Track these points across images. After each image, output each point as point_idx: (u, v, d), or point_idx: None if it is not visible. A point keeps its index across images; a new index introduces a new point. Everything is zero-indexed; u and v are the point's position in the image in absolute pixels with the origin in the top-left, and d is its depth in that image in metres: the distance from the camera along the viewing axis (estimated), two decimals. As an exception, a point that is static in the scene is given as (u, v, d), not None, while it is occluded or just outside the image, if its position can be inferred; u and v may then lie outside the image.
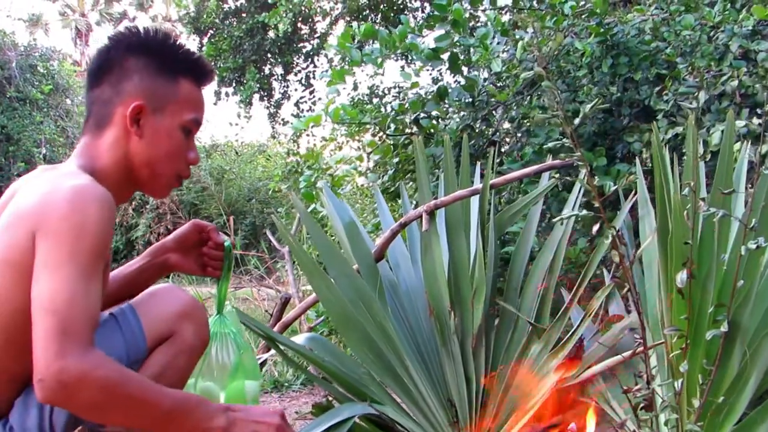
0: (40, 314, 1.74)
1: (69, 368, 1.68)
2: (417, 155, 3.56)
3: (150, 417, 1.81)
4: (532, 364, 3.10)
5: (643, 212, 3.16)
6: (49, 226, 1.83)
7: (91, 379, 1.71)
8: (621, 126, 4.52)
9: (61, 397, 1.70)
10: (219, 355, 2.41)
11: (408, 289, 3.43)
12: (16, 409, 1.91)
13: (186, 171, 2.24)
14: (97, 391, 1.72)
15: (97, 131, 2.14)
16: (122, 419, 1.81)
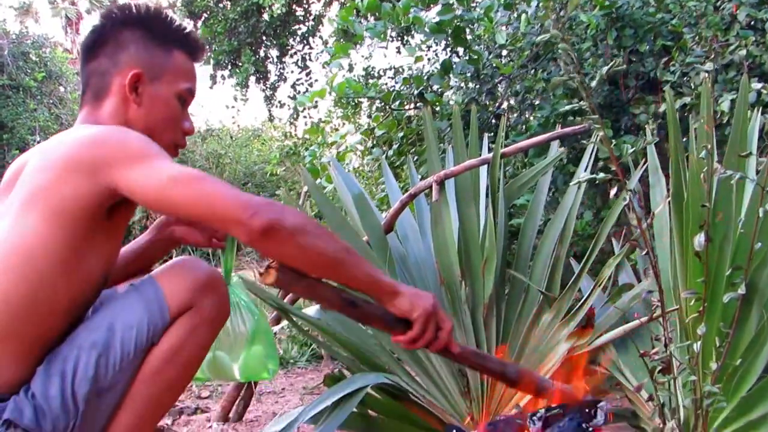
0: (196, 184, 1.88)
1: (262, 198, 1.88)
2: (426, 126, 3.55)
3: (337, 247, 1.98)
4: (543, 333, 3.10)
5: (654, 180, 3.16)
6: (117, 153, 1.91)
7: (287, 207, 1.92)
8: (626, 98, 4.51)
9: (277, 216, 1.85)
10: (235, 324, 2.41)
11: (417, 260, 3.42)
12: (38, 377, 1.89)
13: (182, 140, 2.27)
14: (296, 214, 1.90)
15: (96, 102, 2.17)
16: (318, 244, 1.93)
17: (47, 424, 1.85)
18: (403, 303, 2.07)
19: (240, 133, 20.85)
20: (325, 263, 1.97)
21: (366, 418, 3.11)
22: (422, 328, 2.08)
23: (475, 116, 3.53)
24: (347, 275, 2.02)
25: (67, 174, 1.89)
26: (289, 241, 1.88)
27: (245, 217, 1.82)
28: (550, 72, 4.79)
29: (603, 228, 3.18)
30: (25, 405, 1.85)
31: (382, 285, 2.06)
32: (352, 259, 2.01)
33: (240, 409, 3.93)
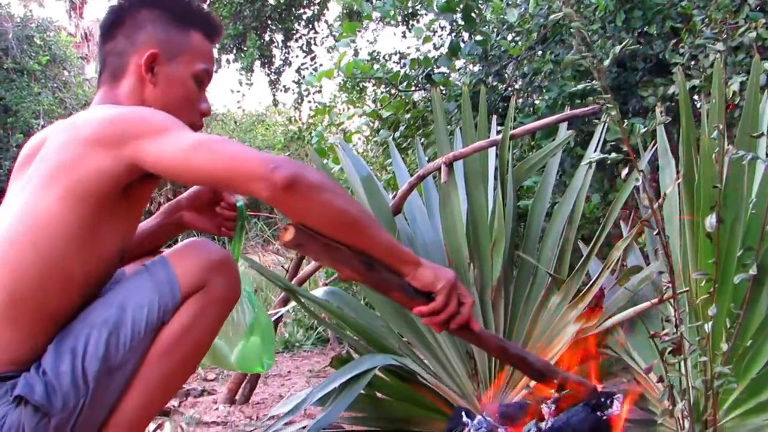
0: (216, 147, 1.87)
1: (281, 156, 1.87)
2: (435, 107, 3.54)
3: (358, 209, 1.97)
4: (551, 315, 3.09)
5: (664, 162, 3.14)
6: (138, 127, 1.92)
7: (307, 165, 1.90)
8: (634, 80, 4.49)
9: (299, 171, 1.82)
10: (234, 314, 2.41)
11: (425, 242, 3.42)
12: (49, 354, 1.89)
13: (199, 121, 2.26)
14: (315, 172, 1.89)
15: (113, 82, 2.18)
16: (340, 203, 1.91)
17: (57, 401, 1.85)
18: (427, 274, 2.04)
19: (244, 117, 20.85)
20: (347, 222, 1.94)
21: (374, 400, 3.11)
22: (446, 300, 2.05)
23: (484, 97, 3.52)
24: (368, 238, 1.99)
25: (91, 150, 1.90)
26: (312, 196, 1.87)
27: (267, 172, 1.80)
28: (558, 54, 4.77)
29: (612, 210, 3.17)
30: (36, 381, 1.85)
31: (403, 254, 2.04)
32: (372, 224, 2.00)
33: (246, 392, 3.93)
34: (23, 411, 1.84)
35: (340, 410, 2.75)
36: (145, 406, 2.00)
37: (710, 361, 2.22)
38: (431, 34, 5.88)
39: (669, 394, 2.20)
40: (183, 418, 3.48)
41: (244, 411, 3.76)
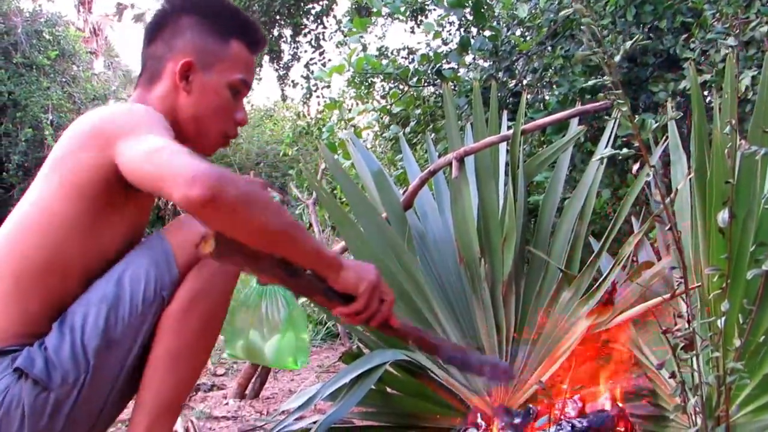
0: (157, 152, 1.78)
1: (215, 168, 1.71)
2: (446, 102, 3.54)
3: (282, 220, 1.85)
4: (562, 310, 3.09)
5: (675, 157, 3.14)
6: (122, 131, 1.89)
7: (235, 179, 1.75)
8: (645, 76, 4.48)
9: (219, 185, 1.69)
10: (270, 311, 2.41)
11: (435, 238, 3.42)
12: (52, 333, 1.93)
13: (233, 130, 2.26)
14: (244, 184, 1.76)
15: (149, 85, 2.19)
16: (261, 216, 1.81)
17: (56, 376, 1.88)
18: (350, 277, 1.99)
19: (252, 113, 20.85)
20: (268, 239, 1.86)
21: (384, 395, 3.12)
22: (367, 302, 2.02)
23: (495, 92, 3.52)
24: (293, 250, 1.91)
25: (81, 146, 1.94)
26: (230, 214, 1.76)
27: (185, 187, 1.69)
28: (568, 49, 4.76)
29: (623, 206, 3.16)
30: (37, 356, 1.89)
31: (327, 259, 1.98)
32: (297, 234, 1.91)
33: (256, 387, 3.93)
34: (23, 384, 1.87)
35: (351, 405, 2.75)
36: (177, 383, 2.04)
37: (723, 357, 2.22)
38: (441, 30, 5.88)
39: (681, 389, 2.20)
40: (193, 412, 3.48)
41: (254, 406, 3.76)
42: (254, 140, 18.85)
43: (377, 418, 3.15)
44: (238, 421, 3.42)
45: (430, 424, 3.02)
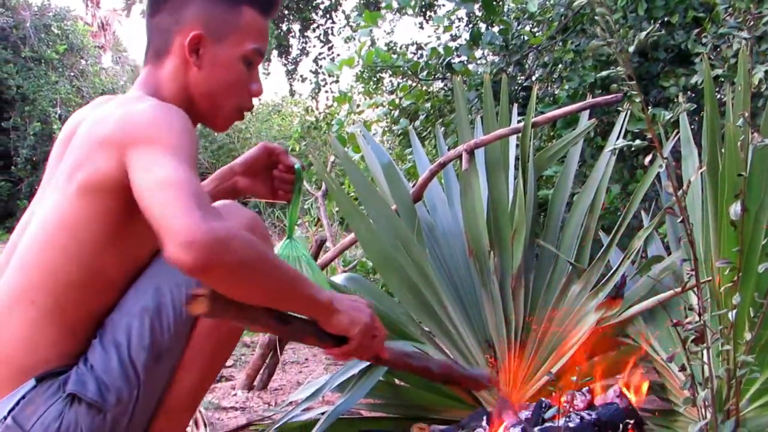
0: (164, 191, 1.64)
1: (219, 226, 1.61)
2: (456, 94, 3.54)
3: (281, 278, 1.77)
4: (571, 303, 3.09)
5: (687, 152, 3.13)
6: (138, 139, 1.77)
7: (238, 236, 1.65)
8: (656, 71, 4.47)
9: (216, 253, 1.59)
10: None
11: (445, 230, 3.42)
12: (95, 350, 1.87)
13: (249, 103, 2.13)
14: (244, 247, 1.65)
15: (157, 61, 2.06)
16: (260, 279, 1.72)
17: (111, 396, 1.85)
18: (343, 320, 1.89)
19: (260, 108, 20.86)
20: (266, 298, 1.79)
21: (392, 387, 3.12)
22: (359, 344, 1.93)
23: (505, 85, 3.51)
24: (288, 304, 1.85)
25: (101, 151, 1.82)
26: (226, 281, 1.68)
27: (179, 247, 1.58)
28: (579, 44, 4.75)
29: (634, 199, 3.16)
30: (88, 378, 1.84)
31: (321, 305, 1.87)
32: (293, 288, 1.82)
33: (265, 378, 3.93)
34: (78, 409, 1.83)
35: (359, 397, 2.76)
36: (200, 384, 2.03)
37: (733, 350, 2.21)
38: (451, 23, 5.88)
39: (691, 383, 2.19)
40: (201, 403, 3.48)
41: (263, 397, 3.76)
42: (262, 135, 18.86)
43: (385, 409, 3.15)
44: (246, 412, 3.42)
45: (438, 416, 3.02)
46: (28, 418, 1.82)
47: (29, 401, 1.83)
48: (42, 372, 1.84)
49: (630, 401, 2.49)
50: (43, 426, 1.82)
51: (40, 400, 1.83)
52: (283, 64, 13.99)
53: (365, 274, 4.95)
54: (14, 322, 1.86)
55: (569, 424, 2.30)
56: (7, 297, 1.89)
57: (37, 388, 1.83)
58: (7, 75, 19.03)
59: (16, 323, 1.86)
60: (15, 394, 1.84)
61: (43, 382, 1.84)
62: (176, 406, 2.00)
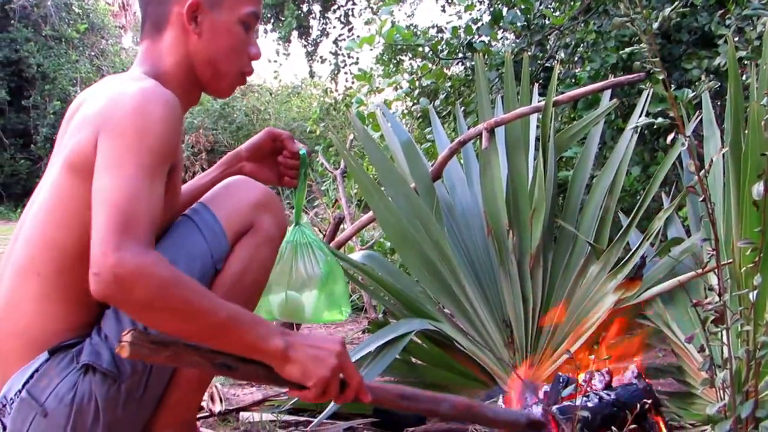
0: (99, 208, 1.65)
1: (126, 262, 1.57)
2: (477, 72, 3.52)
3: (204, 325, 1.69)
4: (590, 284, 3.07)
5: (709, 133, 3.11)
6: (111, 126, 1.76)
7: (147, 275, 1.59)
8: (678, 53, 4.43)
9: (116, 291, 1.58)
10: (306, 265, 2.37)
11: (464, 210, 3.40)
12: (108, 319, 1.87)
13: (249, 67, 2.15)
14: (152, 289, 1.60)
15: (156, 34, 2.05)
16: (176, 324, 1.68)
17: (126, 367, 1.85)
18: (294, 371, 1.77)
19: (280, 90, 20.87)
20: (193, 336, 1.72)
21: (409, 365, 3.12)
22: (319, 393, 1.80)
23: (527, 64, 3.49)
24: (223, 346, 1.75)
25: (82, 127, 1.84)
26: (139, 318, 1.69)
27: (91, 273, 1.59)
28: (601, 25, 4.72)
29: (654, 179, 3.14)
30: (102, 348, 1.84)
31: (266, 353, 1.77)
32: (227, 333, 1.73)
33: (281, 355, 3.92)
34: (92, 379, 1.83)
35: (376, 374, 2.75)
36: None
37: (754, 331, 2.19)
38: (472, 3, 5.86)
39: (710, 364, 2.17)
40: (217, 379, 3.49)
41: (279, 374, 3.76)
42: (281, 117, 18.87)
43: (401, 387, 3.15)
44: (261, 388, 3.42)
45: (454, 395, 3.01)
46: (42, 390, 1.83)
47: (43, 374, 1.84)
48: (54, 344, 1.86)
49: (648, 382, 2.48)
50: (58, 398, 1.83)
51: (53, 372, 1.84)
52: (303, 45, 13.94)
53: (383, 254, 4.94)
54: (24, 296, 1.88)
55: (588, 404, 2.28)
56: (15, 271, 1.91)
57: (51, 361, 1.84)
58: (28, 53, 19.14)
59: (25, 296, 1.87)
60: (29, 368, 1.85)
61: (56, 354, 1.85)
62: (190, 377, 2.00)
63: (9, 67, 19.34)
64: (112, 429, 1.87)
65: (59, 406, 1.82)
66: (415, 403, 2.09)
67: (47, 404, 1.82)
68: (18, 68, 19.50)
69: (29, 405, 1.84)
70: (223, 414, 2.83)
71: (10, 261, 1.94)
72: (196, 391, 2.06)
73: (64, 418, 1.83)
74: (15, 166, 19.49)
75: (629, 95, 4.48)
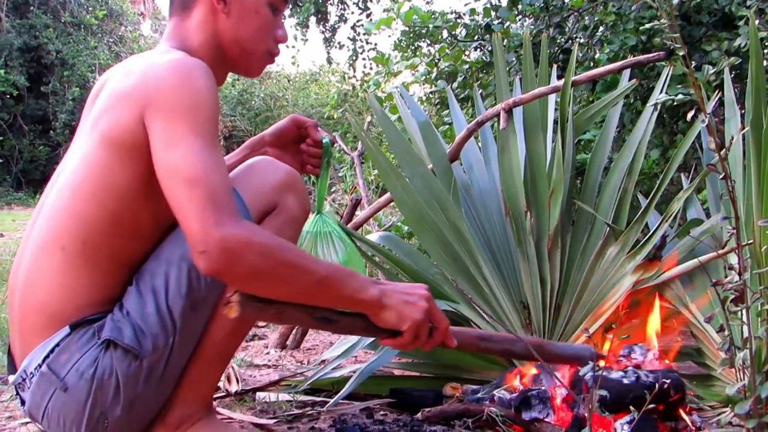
0: (179, 187, 1.71)
1: (231, 236, 1.66)
2: (495, 52, 3.50)
3: (307, 283, 1.79)
4: (608, 265, 3.05)
5: (729, 114, 3.08)
6: (159, 103, 1.79)
7: (252, 244, 1.69)
8: (699, 35, 4.40)
9: (226, 265, 1.66)
10: (327, 253, 2.37)
11: (481, 191, 3.39)
12: (130, 296, 1.88)
13: (276, 48, 2.17)
14: (258, 256, 1.70)
15: (184, 12, 2.07)
16: (280, 286, 1.77)
17: (147, 343, 1.86)
18: (390, 318, 1.88)
19: (298, 76, 20.89)
20: (296, 296, 1.82)
21: (426, 346, 3.10)
22: (412, 337, 1.91)
23: (545, 44, 3.47)
24: (324, 299, 1.86)
25: (126, 102, 1.85)
26: (248, 283, 1.75)
27: (197, 252, 1.67)
28: (620, 7, 4.68)
29: (674, 159, 3.12)
30: (124, 324, 1.85)
31: (365, 303, 1.86)
32: (326, 289, 1.83)
33: (298, 337, 3.94)
34: (114, 355, 1.84)
35: (392, 355, 2.74)
36: (233, 335, 2.03)
37: (775, 310, 2.18)
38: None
39: (729, 344, 2.16)
40: (235, 360, 3.49)
41: (295, 356, 3.77)
42: (299, 103, 18.89)
43: (417, 368, 3.14)
44: (278, 370, 3.42)
45: (470, 376, 3.01)
46: (63, 365, 1.84)
47: (64, 348, 1.84)
48: (76, 319, 1.86)
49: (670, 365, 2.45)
50: (78, 372, 1.83)
51: (74, 347, 1.84)
52: (321, 31, 13.94)
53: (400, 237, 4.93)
54: (46, 270, 1.88)
55: (624, 380, 2.25)
56: (38, 246, 1.91)
57: (72, 335, 1.85)
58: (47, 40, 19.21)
59: (48, 270, 1.88)
60: (49, 342, 1.85)
61: (77, 329, 1.85)
62: (210, 356, 2.00)
63: (28, 54, 19.42)
64: (133, 405, 1.88)
65: (80, 382, 1.83)
66: (492, 344, 2.18)
67: (67, 379, 1.83)
68: (37, 54, 19.58)
69: (49, 380, 1.85)
70: (240, 394, 2.83)
71: (31, 238, 1.95)
72: (216, 369, 2.06)
73: (84, 393, 1.83)
74: (34, 152, 19.59)
75: (648, 77, 4.45)
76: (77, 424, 1.86)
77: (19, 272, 1.95)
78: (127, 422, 1.90)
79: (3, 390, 2.93)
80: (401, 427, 2.45)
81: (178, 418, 2.00)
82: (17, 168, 19.50)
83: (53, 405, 1.86)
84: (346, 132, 9.90)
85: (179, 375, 1.97)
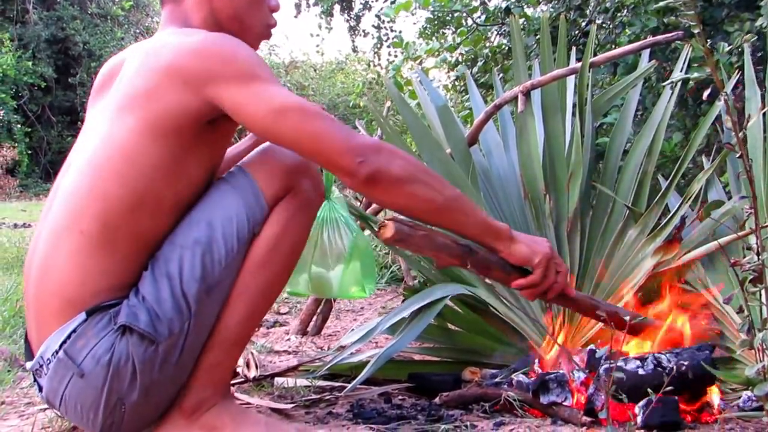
0: (306, 124, 1.85)
1: (376, 141, 1.89)
2: (513, 35, 3.48)
3: (447, 193, 1.95)
4: (628, 248, 3.03)
5: (750, 93, 3.04)
6: (226, 74, 1.86)
7: (395, 150, 1.91)
8: (720, 16, 4.35)
9: (384, 164, 1.84)
10: (332, 240, 2.37)
11: (500, 174, 3.37)
12: (146, 281, 1.88)
13: (272, 19, 2.18)
14: (403, 160, 1.89)
15: None
16: (427, 192, 1.92)
17: (163, 328, 1.86)
18: (522, 249, 2.04)
19: (324, 66, 20.91)
20: (435, 210, 1.95)
21: (444, 331, 3.10)
22: (543, 273, 2.05)
23: (564, 26, 3.44)
24: (459, 222, 2.00)
25: (169, 83, 1.86)
26: (395, 190, 1.88)
27: (351, 165, 1.81)
28: (642, -12, 4.65)
29: (693, 140, 3.09)
30: (139, 309, 1.85)
31: (496, 230, 2.04)
32: (463, 206, 1.99)
33: (318, 323, 3.93)
34: (130, 340, 1.84)
35: (410, 339, 2.73)
36: (247, 319, 2.02)
37: (793, 290, 2.15)
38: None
39: (749, 325, 2.13)
40: (254, 346, 3.50)
41: (315, 342, 3.77)
42: (325, 93, 18.91)
43: (436, 353, 3.13)
44: (298, 356, 3.42)
45: (490, 360, 2.99)
46: (79, 351, 1.84)
47: (80, 334, 1.84)
48: (92, 305, 1.86)
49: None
50: (95, 359, 1.83)
51: (91, 333, 1.84)
52: (346, 19, 13.94)
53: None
54: (63, 254, 1.88)
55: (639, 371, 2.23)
56: (55, 230, 1.91)
57: (88, 321, 1.85)
58: (74, 31, 19.33)
59: (65, 254, 1.87)
60: (66, 328, 1.85)
61: (94, 315, 1.85)
62: (225, 340, 1.99)
63: (56, 45, 19.55)
64: (149, 390, 1.88)
65: (96, 368, 1.83)
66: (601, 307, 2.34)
67: (84, 365, 1.83)
68: (64, 46, 19.70)
69: (66, 366, 1.85)
70: (258, 380, 2.83)
71: (47, 222, 1.95)
72: (231, 354, 2.06)
73: (101, 379, 1.84)
74: (62, 143, 19.72)
75: (670, 60, 4.41)
76: (94, 409, 1.86)
77: (34, 257, 1.95)
78: (143, 407, 1.91)
79: (24, 377, 2.94)
80: (419, 411, 2.45)
81: (194, 403, 2.00)
82: (45, 159, 19.65)
83: (70, 391, 1.86)
84: (371, 120, 9.89)
85: (195, 360, 1.98)
